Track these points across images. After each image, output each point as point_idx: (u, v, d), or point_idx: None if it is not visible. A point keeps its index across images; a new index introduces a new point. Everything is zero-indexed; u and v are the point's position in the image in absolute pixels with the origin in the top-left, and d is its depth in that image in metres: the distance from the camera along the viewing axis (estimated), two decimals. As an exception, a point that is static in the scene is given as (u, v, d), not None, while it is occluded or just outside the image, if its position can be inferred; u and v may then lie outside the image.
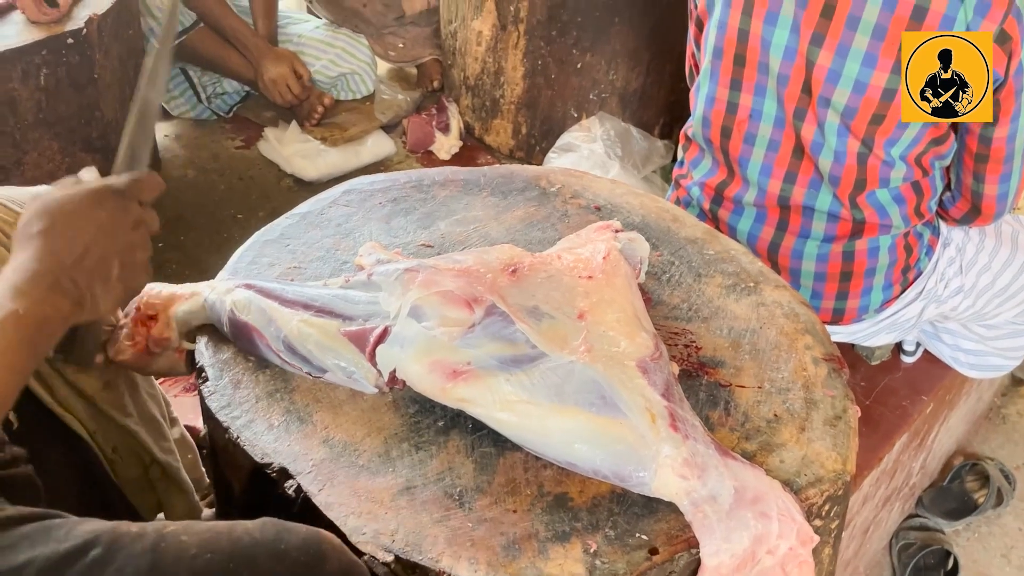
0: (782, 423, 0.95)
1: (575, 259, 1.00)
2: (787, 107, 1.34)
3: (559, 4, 2.07)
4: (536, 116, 2.27)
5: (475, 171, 1.35)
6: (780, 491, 0.84)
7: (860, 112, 1.28)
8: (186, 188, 2.19)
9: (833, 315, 1.49)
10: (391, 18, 2.66)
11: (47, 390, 1.04)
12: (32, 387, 1.02)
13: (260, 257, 1.15)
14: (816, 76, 1.27)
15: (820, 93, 1.28)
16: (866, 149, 1.32)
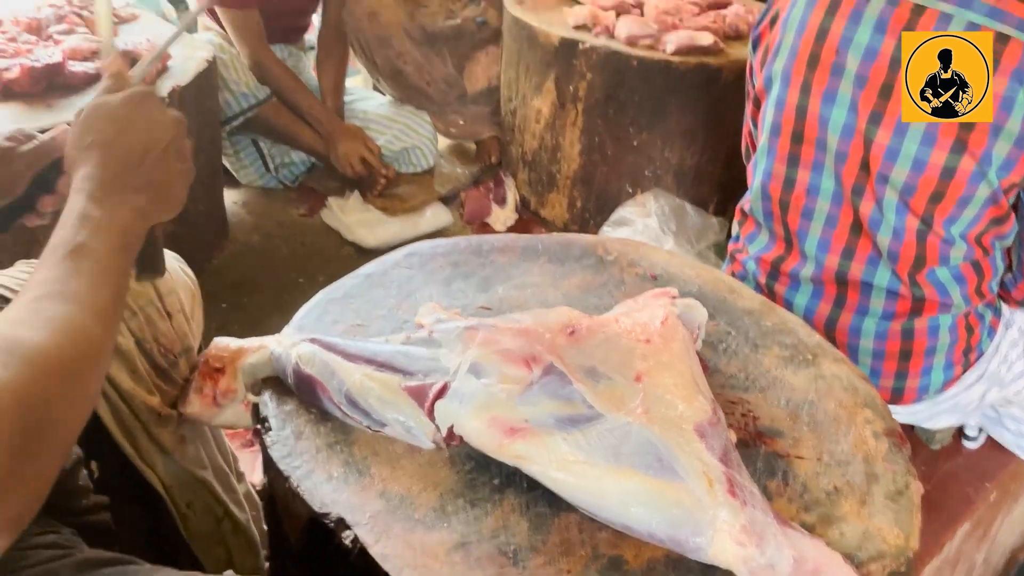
0: (842, 496, 0.93)
1: (633, 323, 1.02)
2: (845, 183, 1.35)
3: (617, 84, 2.13)
4: (591, 191, 2.31)
5: (533, 238, 1.38)
6: (841, 563, 0.82)
7: (919, 190, 1.29)
8: (251, 253, 2.26)
9: (892, 394, 1.46)
10: (453, 96, 2.76)
11: (131, 443, 1.08)
12: (116, 439, 1.06)
13: (325, 314, 1.18)
14: (874, 154, 1.29)
15: (878, 170, 1.29)
16: (925, 227, 1.32)
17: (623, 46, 2.12)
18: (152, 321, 1.12)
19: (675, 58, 2.07)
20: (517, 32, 2.33)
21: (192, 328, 1.20)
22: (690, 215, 2.17)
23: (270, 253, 2.25)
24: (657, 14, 2.22)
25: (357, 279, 1.27)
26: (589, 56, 2.13)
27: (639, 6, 2.32)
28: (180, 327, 1.16)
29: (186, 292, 1.20)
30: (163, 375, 1.13)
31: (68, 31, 1.93)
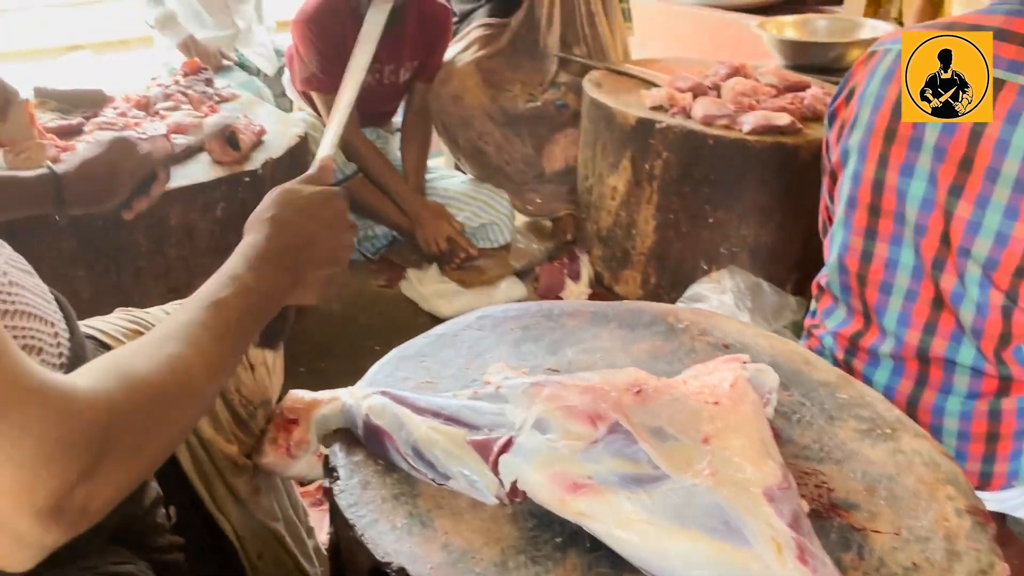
0: (921, 573, 0.89)
1: (702, 385, 1.01)
2: (925, 257, 1.33)
3: (693, 162, 2.16)
4: (665, 267, 2.32)
5: (604, 304, 1.39)
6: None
7: (1003, 264, 1.25)
8: (331, 320, 2.33)
9: (980, 479, 1.39)
10: (531, 175, 2.84)
11: (207, 490, 1.11)
12: (194, 485, 1.10)
13: (396, 371, 1.21)
14: (955, 227, 1.26)
15: (959, 244, 1.26)
16: (1010, 302, 1.27)
17: (699, 125, 2.15)
18: (235, 372, 1.16)
19: (751, 137, 2.09)
20: (595, 113, 2.39)
21: (272, 382, 1.24)
22: (767, 293, 2.14)
23: (349, 321, 2.31)
24: (734, 95, 2.25)
25: (429, 339, 1.30)
26: (665, 135, 2.17)
27: (716, 89, 2.36)
28: (261, 379, 1.20)
29: None
30: (242, 425, 1.17)
31: (173, 107, 2.07)
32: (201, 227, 1.81)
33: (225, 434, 1.12)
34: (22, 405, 0.53)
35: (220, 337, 0.74)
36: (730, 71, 2.43)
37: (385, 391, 1.06)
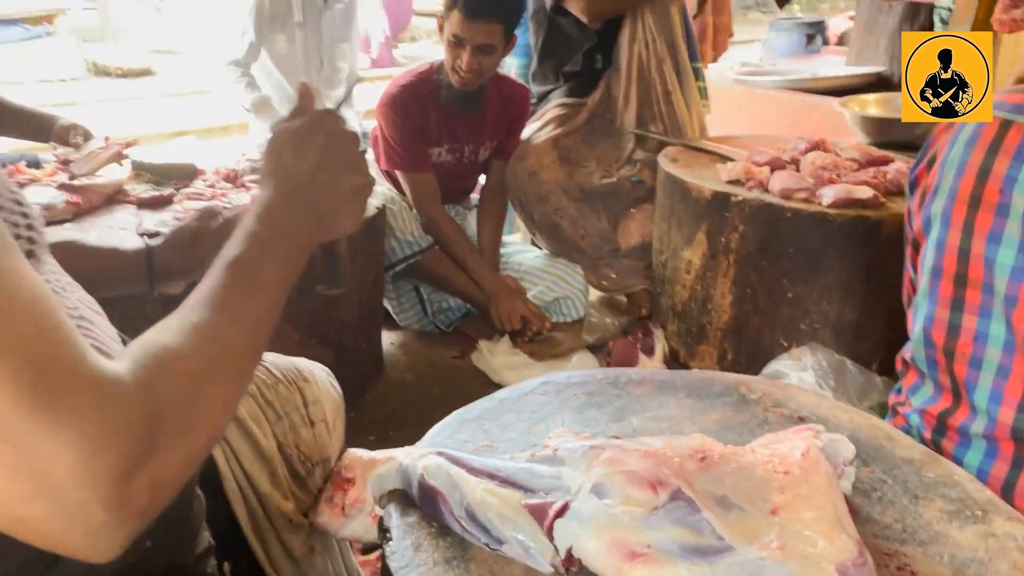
0: (1018, 667, 0.80)
1: (771, 453, 0.95)
2: (1017, 330, 1.25)
3: (770, 236, 2.11)
4: (743, 343, 2.25)
5: (673, 373, 1.35)
6: None
7: (1105, 337, 1.17)
8: (403, 390, 2.34)
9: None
10: (606, 250, 2.83)
11: (263, 547, 1.11)
12: (250, 541, 1.09)
13: (456, 433, 1.19)
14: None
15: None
16: (1116, 379, 1.18)
17: (777, 198, 2.12)
18: (296, 428, 1.17)
19: (831, 210, 2.03)
20: (670, 187, 2.38)
21: (332, 440, 1.24)
22: (851, 372, 2.05)
23: (421, 391, 2.31)
24: (813, 169, 2.21)
25: (491, 402, 1.28)
26: (742, 208, 2.14)
27: (795, 163, 2.32)
28: (321, 437, 1.20)
29: (331, 404, 1.25)
30: (300, 483, 1.16)
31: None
32: (278, 293, 1.86)
33: (283, 490, 1.12)
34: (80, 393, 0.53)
35: (248, 295, 0.71)
36: (809, 145, 2.39)
37: (441, 451, 1.04)
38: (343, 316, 2.03)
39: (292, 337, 1.89)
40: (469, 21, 2.31)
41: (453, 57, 2.39)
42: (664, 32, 2.84)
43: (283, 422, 1.15)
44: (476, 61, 2.37)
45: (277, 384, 1.17)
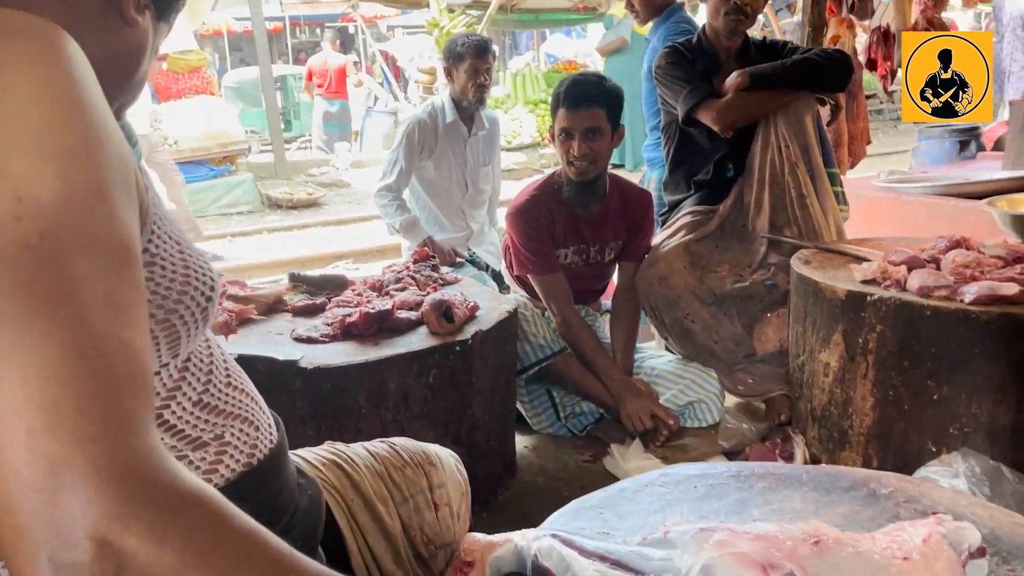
0: None
1: (889, 540, 0.93)
2: None
3: (911, 335, 2.04)
4: (888, 449, 2.14)
5: (798, 468, 1.32)
6: None
7: None
8: (534, 492, 2.36)
9: None
10: (741, 355, 2.79)
11: None
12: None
13: (573, 520, 1.21)
14: None
15: None
16: None
17: (915, 297, 2.05)
18: (420, 510, 1.23)
19: (975, 308, 1.95)
20: (803, 289, 2.36)
21: (457, 525, 1.28)
22: (1008, 480, 1.90)
23: (552, 494, 2.32)
24: (954, 267, 2.14)
25: (611, 492, 1.30)
26: (878, 308, 2.08)
27: (935, 262, 2.25)
28: (445, 520, 1.25)
29: (456, 490, 1.30)
30: (423, 565, 1.21)
31: (402, 288, 2.32)
32: (415, 392, 1.96)
33: (406, 570, 1.17)
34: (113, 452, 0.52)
35: None
36: (951, 244, 2.32)
37: (556, 533, 1.07)
38: (475, 414, 2.10)
39: (427, 436, 1.98)
40: (572, 111, 2.55)
41: (566, 151, 2.59)
42: (797, 137, 2.86)
43: (408, 504, 1.22)
44: (587, 146, 2.55)
45: (404, 467, 1.25)
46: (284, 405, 1.91)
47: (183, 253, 0.80)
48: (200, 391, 0.85)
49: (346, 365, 1.89)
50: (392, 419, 1.95)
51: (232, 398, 0.89)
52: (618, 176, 2.92)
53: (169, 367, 0.82)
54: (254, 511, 0.88)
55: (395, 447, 1.28)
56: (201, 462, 0.85)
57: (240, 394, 0.90)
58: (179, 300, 0.78)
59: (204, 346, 0.88)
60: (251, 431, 0.90)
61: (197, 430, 0.85)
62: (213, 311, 0.84)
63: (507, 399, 2.32)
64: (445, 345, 1.99)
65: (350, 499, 1.17)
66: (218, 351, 0.91)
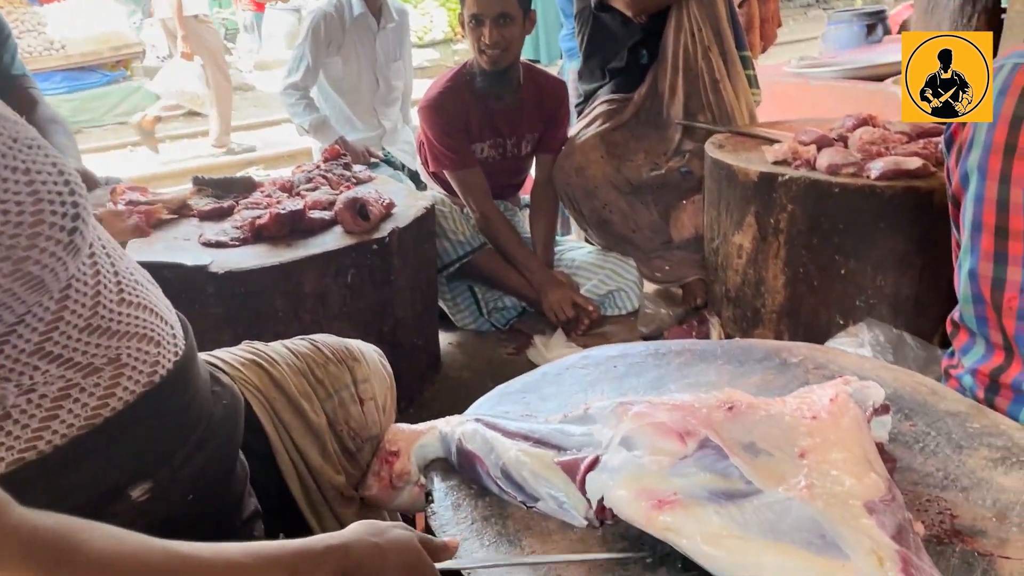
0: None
1: (800, 401, 0.96)
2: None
3: (820, 213, 2.09)
4: (798, 325, 2.22)
5: (713, 343, 1.36)
6: (1048, 663, 0.69)
7: None
8: (460, 386, 2.38)
9: None
10: (658, 243, 2.83)
11: (317, 520, 1.16)
12: (304, 514, 1.15)
13: (497, 406, 1.22)
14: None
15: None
16: None
17: (824, 175, 2.09)
18: (345, 405, 1.22)
19: (880, 183, 2.00)
20: (717, 173, 2.38)
21: (383, 418, 1.28)
22: (910, 347, 2.00)
23: (477, 387, 2.32)
24: (861, 145, 2.18)
25: (534, 376, 1.31)
26: (789, 187, 2.12)
27: (842, 140, 2.29)
28: (371, 414, 1.25)
29: (381, 383, 1.30)
30: (350, 458, 1.21)
31: (313, 188, 2.25)
32: (333, 293, 1.92)
33: (334, 464, 1.17)
34: None
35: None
36: (858, 122, 2.36)
37: (479, 418, 1.08)
38: (396, 312, 2.08)
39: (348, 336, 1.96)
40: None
41: (477, 38, 2.51)
42: (710, 20, 2.83)
43: (333, 399, 1.21)
44: (498, 33, 2.48)
45: (327, 363, 1.23)
46: (196, 313, 1.85)
47: (32, 184, 0.71)
48: (87, 316, 0.79)
49: (259, 268, 1.84)
50: (311, 321, 1.92)
51: (127, 316, 0.83)
52: (532, 66, 2.85)
53: (43, 303, 0.76)
54: (161, 428, 0.85)
55: (316, 343, 1.25)
56: (95, 388, 0.80)
57: (137, 310, 0.84)
58: (31, 245, 0.70)
59: (88, 268, 0.80)
60: (151, 348, 0.85)
61: (88, 356, 0.79)
62: (85, 234, 0.76)
63: (429, 297, 2.30)
64: (362, 244, 1.94)
65: (272, 397, 1.15)
66: (108, 269, 0.83)
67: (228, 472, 0.95)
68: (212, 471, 0.90)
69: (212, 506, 0.90)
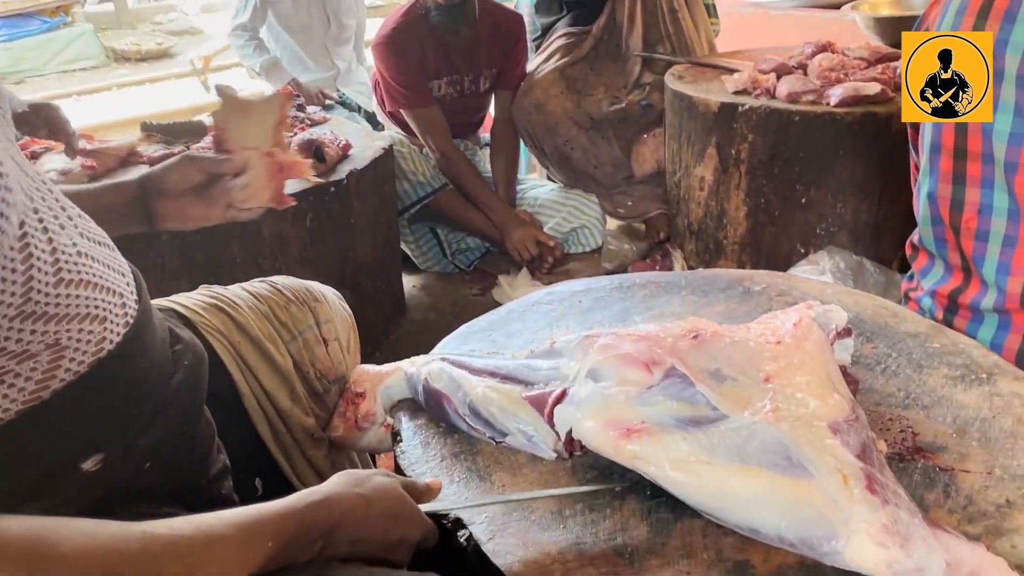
0: (1016, 508, 0.81)
1: (763, 327, 0.96)
2: (1020, 197, 1.23)
3: (780, 142, 2.08)
4: (761, 254, 2.24)
5: (677, 274, 1.36)
6: (1007, 570, 0.71)
7: (1110, 194, 1.15)
8: (426, 329, 2.38)
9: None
10: (620, 178, 2.81)
11: (288, 462, 1.15)
12: (275, 456, 1.13)
13: (463, 344, 1.21)
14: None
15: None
16: (1124, 236, 1.16)
17: (784, 103, 2.08)
18: (310, 346, 1.20)
19: (840, 110, 2.00)
20: (677, 104, 2.36)
21: (348, 359, 1.27)
22: (870, 272, 2.03)
23: (443, 328, 2.31)
24: (820, 71, 2.17)
25: (499, 314, 1.30)
26: (749, 117, 2.11)
27: (802, 68, 2.28)
28: (335, 354, 1.23)
29: (343, 323, 1.28)
30: (318, 400, 1.20)
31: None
32: (293, 237, 1.89)
33: (303, 407, 1.15)
34: None
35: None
36: (816, 49, 2.34)
37: (444, 357, 1.07)
38: (358, 255, 2.06)
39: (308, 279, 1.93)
40: None
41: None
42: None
43: (297, 341, 1.19)
44: None
45: (289, 304, 1.21)
46: (152, 262, 1.81)
47: None
48: (19, 304, 0.72)
49: (215, 215, 1.79)
50: (272, 268, 1.89)
51: (66, 297, 0.76)
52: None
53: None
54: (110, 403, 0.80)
55: (276, 285, 1.23)
56: (32, 372, 0.74)
57: (78, 288, 0.77)
58: None
59: (19, 253, 0.73)
60: (95, 327, 0.79)
61: (22, 344, 0.73)
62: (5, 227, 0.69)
63: (390, 239, 2.28)
64: (319, 186, 1.90)
65: (236, 341, 1.13)
66: (44, 248, 0.75)
67: (190, 436, 0.92)
68: (172, 438, 0.86)
69: (173, 471, 0.87)
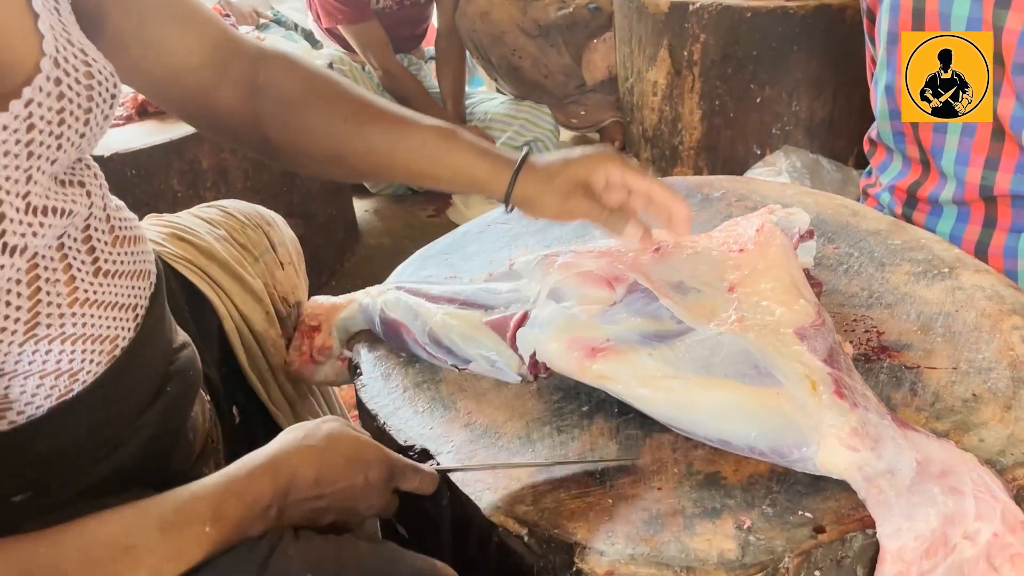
0: (982, 402, 0.81)
1: (725, 235, 0.94)
2: (979, 85, 1.21)
3: (732, 41, 2.03)
4: (717, 158, 2.21)
5: (634, 184, 1.32)
6: (975, 465, 0.71)
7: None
8: (381, 254, 2.33)
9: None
10: (572, 87, 2.74)
11: (264, 387, 1.11)
12: (251, 382, 1.09)
13: (419, 270, 1.18)
14: (1007, 42, 1.14)
15: (1014, 60, 1.14)
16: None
17: (735, 0, 2.02)
18: (271, 268, 1.16)
19: (792, 3, 1.95)
20: (626, 6, 2.28)
21: (300, 282, 1.23)
22: (826, 169, 2.01)
23: (399, 253, 2.27)
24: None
25: (455, 236, 1.26)
26: (700, 16, 2.05)
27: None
28: (291, 278, 1.19)
29: (293, 246, 1.23)
30: (283, 323, 1.16)
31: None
32: (234, 166, 1.81)
33: (277, 329, 1.12)
34: None
35: None
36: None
37: (399, 285, 1.03)
38: (304, 182, 1.99)
39: (257, 212, 1.87)
40: None
41: None
42: None
43: (259, 264, 1.14)
44: None
45: (245, 228, 1.15)
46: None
47: None
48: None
49: (149, 147, 1.71)
50: (214, 199, 1.80)
51: (32, 354, 0.69)
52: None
53: None
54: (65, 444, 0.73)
55: (227, 209, 1.17)
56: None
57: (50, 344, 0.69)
58: None
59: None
60: (59, 381, 0.71)
61: None
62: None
63: (338, 163, 2.20)
64: (259, 112, 1.81)
65: (204, 265, 1.07)
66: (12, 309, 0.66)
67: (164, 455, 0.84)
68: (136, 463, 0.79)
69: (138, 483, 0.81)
